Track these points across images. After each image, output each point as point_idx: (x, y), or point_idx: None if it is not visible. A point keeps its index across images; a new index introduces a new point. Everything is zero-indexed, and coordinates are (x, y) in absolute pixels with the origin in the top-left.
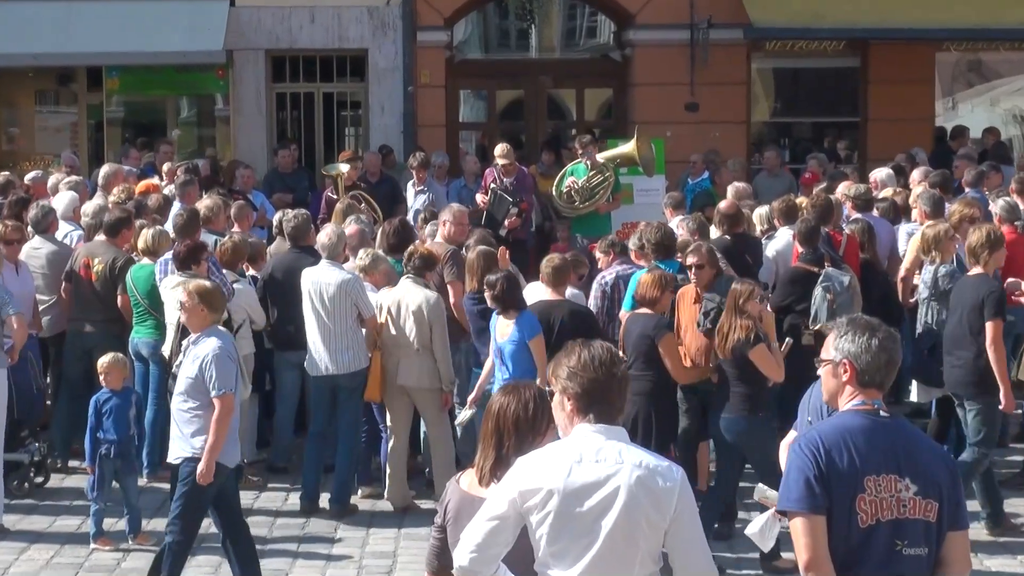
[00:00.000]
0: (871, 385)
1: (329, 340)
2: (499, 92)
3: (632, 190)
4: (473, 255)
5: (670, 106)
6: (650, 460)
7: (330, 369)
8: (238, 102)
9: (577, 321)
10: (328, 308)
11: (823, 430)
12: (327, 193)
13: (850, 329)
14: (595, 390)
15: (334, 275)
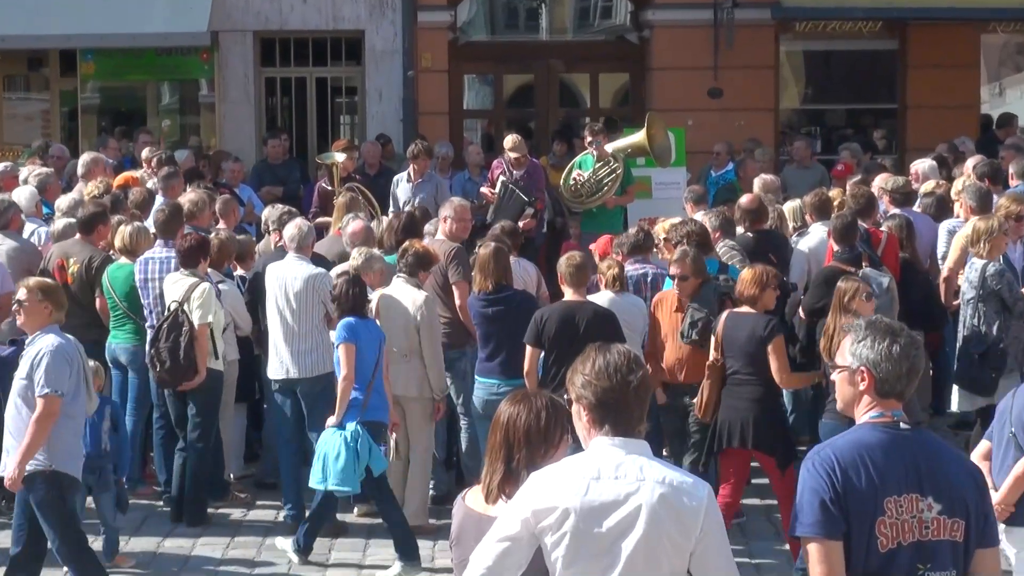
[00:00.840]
0: (891, 395)
1: (292, 340)
2: (507, 77)
3: (650, 183)
4: (486, 252)
5: (691, 92)
6: (674, 477)
7: (291, 372)
8: (224, 88)
9: (601, 324)
10: (293, 306)
11: (838, 447)
12: (320, 184)
13: (869, 333)
14: (610, 400)
15: (301, 270)
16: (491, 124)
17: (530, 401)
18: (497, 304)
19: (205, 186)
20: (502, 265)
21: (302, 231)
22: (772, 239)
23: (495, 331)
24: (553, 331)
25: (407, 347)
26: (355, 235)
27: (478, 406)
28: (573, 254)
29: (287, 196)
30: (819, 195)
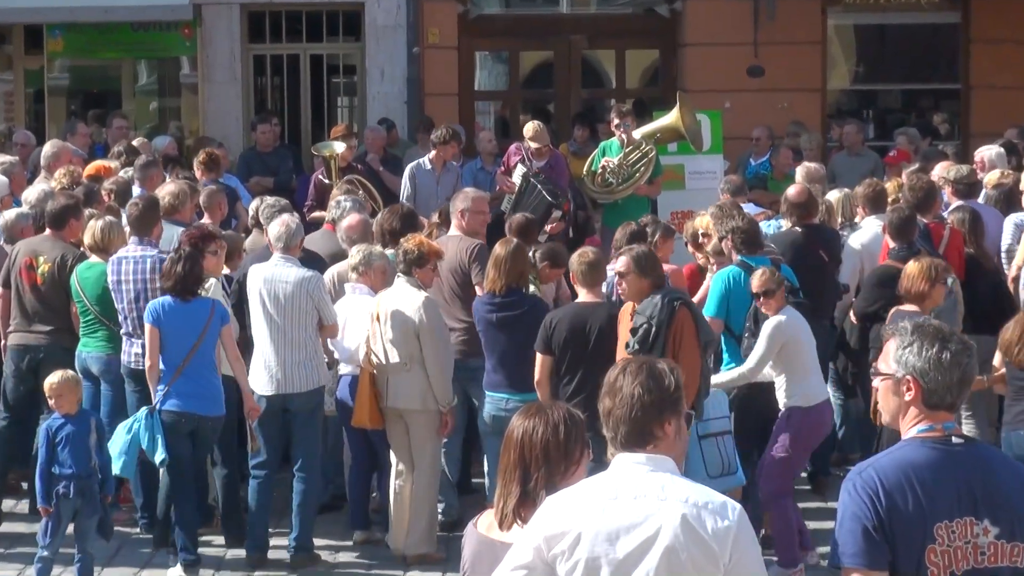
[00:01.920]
0: (940, 407)
1: (282, 351)
2: (523, 54)
3: (683, 172)
4: (505, 250)
5: (729, 71)
6: (700, 496)
7: (282, 386)
8: (208, 67)
9: (616, 328)
10: (282, 312)
11: (882, 466)
12: (317, 176)
13: (916, 338)
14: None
15: (290, 272)
16: (505, 107)
17: (546, 414)
18: (505, 309)
19: (186, 176)
20: (520, 266)
21: (289, 229)
22: (823, 234)
23: (502, 339)
24: (563, 337)
25: (407, 354)
26: (351, 230)
27: (487, 422)
28: (585, 250)
29: (278, 187)
30: (873, 186)
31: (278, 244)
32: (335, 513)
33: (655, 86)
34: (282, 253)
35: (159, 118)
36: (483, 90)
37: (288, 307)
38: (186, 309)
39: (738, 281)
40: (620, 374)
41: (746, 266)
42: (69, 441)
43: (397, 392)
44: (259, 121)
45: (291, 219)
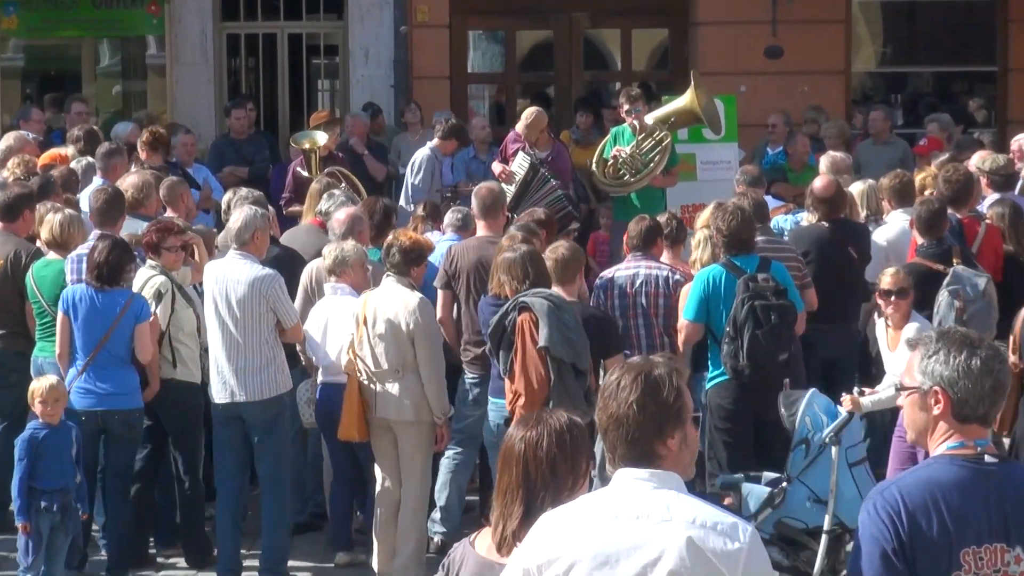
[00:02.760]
0: (971, 419)
1: (235, 356)
2: (520, 34)
3: (695, 162)
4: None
5: (745, 51)
6: (708, 516)
7: (237, 395)
8: (177, 47)
9: (590, 328)
10: (235, 314)
11: (906, 486)
12: (295, 168)
13: (942, 346)
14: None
15: (242, 271)
16: (501, 91)
17: (548, 423)
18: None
19: (151, 166)
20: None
21: (248, 220)
22: (852, 230)
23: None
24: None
25: (399, 361)
26: (342, 224)
27: (488, 431)
28: (557, 245)
29: (253, 178)
30: (899, 177)
31: (234, 238)
32: (315, 533)
33: (664, 68)
34: (237, 249)
35: (123, 103)
36: (477, 72)
37: (240, 310)
38: (101, 300)
39: (719, 282)
40: (614, 386)
41: (732, 266)
42: (53, 453)
43: (387, 402)
44: (233, 106)
45: (252, 211)
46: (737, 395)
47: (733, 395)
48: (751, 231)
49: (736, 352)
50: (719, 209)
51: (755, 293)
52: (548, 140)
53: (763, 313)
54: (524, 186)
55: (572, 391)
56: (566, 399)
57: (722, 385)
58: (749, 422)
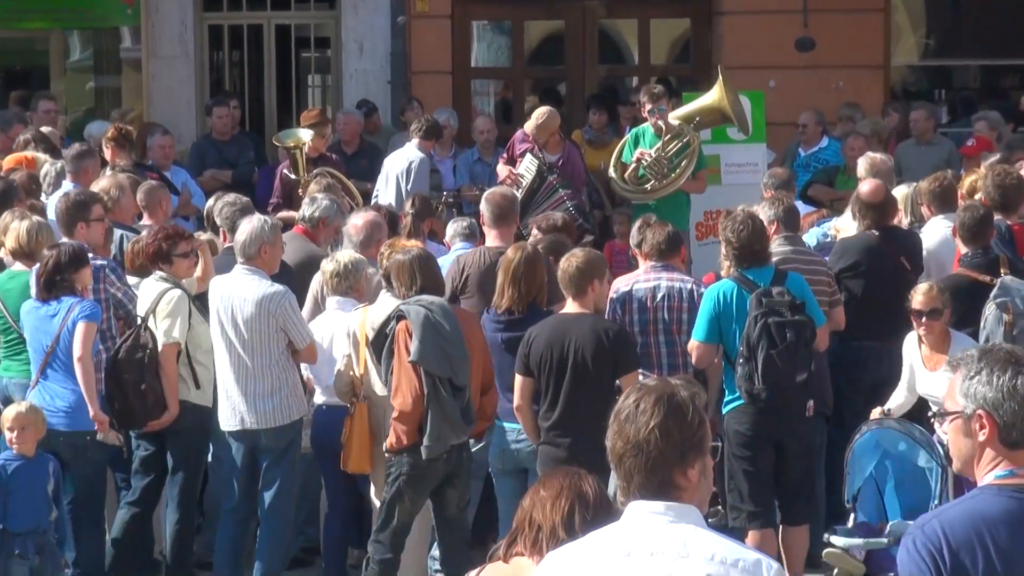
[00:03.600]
0: (1021, 445)
1: (245, 380)
2: (528, 24)
3: (719, 164)
4: (515, 258)
5: (773, 44)
6: (729, 553)
7: (247, 422)
8: (154, 39)
9: (602, 344)
10: (243, 335)
11: (948, 519)
12: (282, 170)
13: (985, 365)
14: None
15: (249, 288)
16: (508, 87)
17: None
18: (514, 327)
19: (125, 169)
20: (538, 279)
21: (254, 233)
22: (904, 239)
23: (510, 363)
24: (540, 353)
25: None
26: (360, 231)
27: (495, 457)
28: (575, 252)
29: (237, 182)
30: (939, 180)
31: (241, 251)
32: (306, 569)
33: (685, 62)
34: (244, 263)
35: (94, 100)
36: (481, 67)
37: (248, 330)
38: (45, 310)
39: (731, 298)
40: (633, 408)
41: (744, 280)
42: (26, 489)
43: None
44: (215, 104)
45: (256, 220)
46: (755, 420)
47: (751, 420)
48: (764, 241)
49: (751, 374)
50: (728, 218)
51: (769, 309)
52: (559, 142)
53: (777, 331)
54: (530, 194)
55: (447, 408)
56: (441, 416)
57: (739, 410)
58: (770, 448)
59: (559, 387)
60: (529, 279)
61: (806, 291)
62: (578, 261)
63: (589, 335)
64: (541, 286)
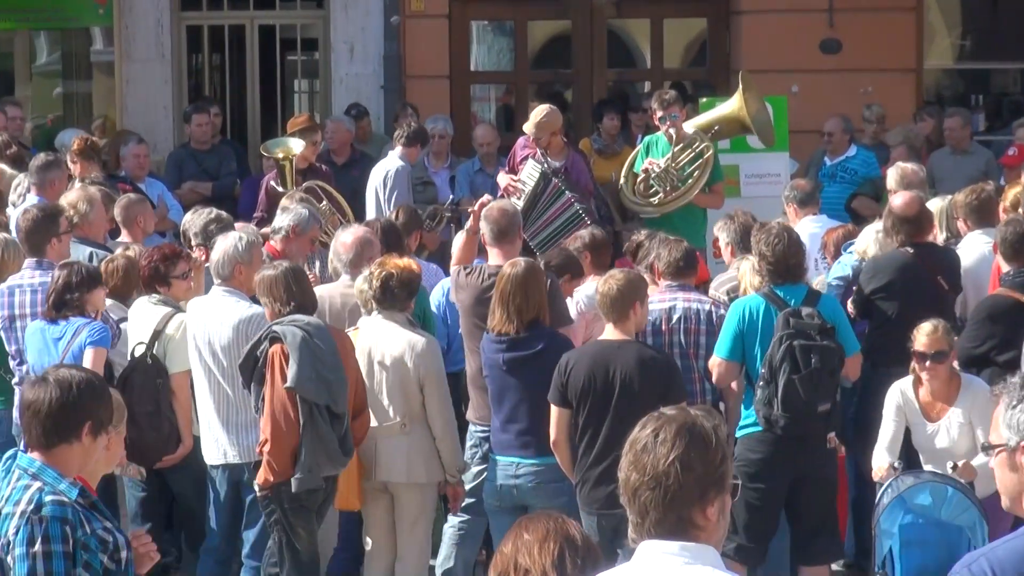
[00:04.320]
0: None
1: (227, 411)
2: (532, 25)
3: (738, 175)
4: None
5: (797, 46)
6: None
7: (230, 455)
8: (128, 41)
9: (648, 373)
10: (221, 361)
11: (998, 558)
12: (268, 182)
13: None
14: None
15: (227, 311)
16: (510, 92)
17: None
18: (516, 347)
19: (97, 181)
20: (536, 296)
21: (228, 252)
22: (941, 256)
23: (512, 386)
24: (581, 384)
25: (405, 412)
26: (349, 248)
27: (491, 494)
28: (613, 273)
29: (218, 195)
30: (977, 192)
31: (219, 271)
32: None
33: (701, 65)
34: (223, 284)
35: (63, 106)
36: (481, 71)
37: (226, 357)
38: (52, 332)
39: (757, 316)
40: (650, 438)
41: (774, 298)
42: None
43: (393, 462)
44: (194, 111)
45: (231, 238)
46: (771, 449)
47: (766, 448)
48: (799, 256)
49: (770, 399)
50: (762, 231)
51: (796, 331)
52: (562, 147)
53: (802, 355)
54: (533, 199)
55: (325, 438)
56: (317, 446)
57: (754, 436)
58: (783, 482)
59: (600, 421)
60: (523, 298)
61: (839, 315)
62: (618, 283)
63: (634, 364)
64: (539, 304)
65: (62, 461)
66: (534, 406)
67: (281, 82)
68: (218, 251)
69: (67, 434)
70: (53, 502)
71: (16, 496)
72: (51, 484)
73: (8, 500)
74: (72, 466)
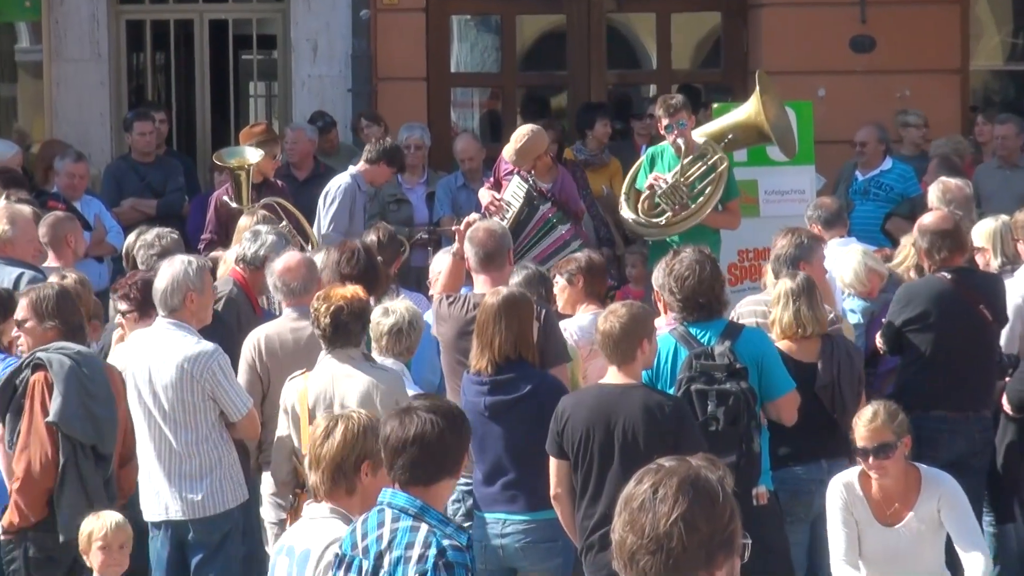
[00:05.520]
0: None
1: (169, 461)
2: (522, 20)
3: (756, 191)
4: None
5: (824, 43)
6: None
7: (172, 510)
8: (58, 38)
9: (657, 424)
10: (162, 404)
11: None
12: (220, 197)
13: None
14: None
15: (171, 346)
16: (496, 97)
17: None
18: (499, 391)
19: (23, 199)
20: (515, 328)
21: (177, 279)
22: (982, 282)
23: (496, 434)
24: (580, 434)
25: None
26: (291, 273)
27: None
28: (614, 309)
29: (164, 214)
30: None
31: (162, 301)
32: None
33: (714, 66)
34: (167, 315)
35: None
36: (463, 72)
37: (167, 398)
38: None
39: (668, 358)
40: (648, 494)
41: (686, 337)
42: None
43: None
44: (135, 118)
45: (178, 263)
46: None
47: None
48: (714, 291)
49: None
50: (673, 259)
51: (699, 373)
52: (550, 167)
53: (699, 401)
54: (517, 225)
55: (88, 481)
56: (79, 490)
57: None
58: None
59: (603, 476)
60: (495, 330)
61: (763, 351)
62: (621, 320)
63: (640, 413)
64: (520, 340)
65: (437, 498)
66: (522, 455)
67: (235, 85)
68: (164, 278)
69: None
70: (452, 547)
71: (404, 538)
72: (439, 527)
73: (391, 544)
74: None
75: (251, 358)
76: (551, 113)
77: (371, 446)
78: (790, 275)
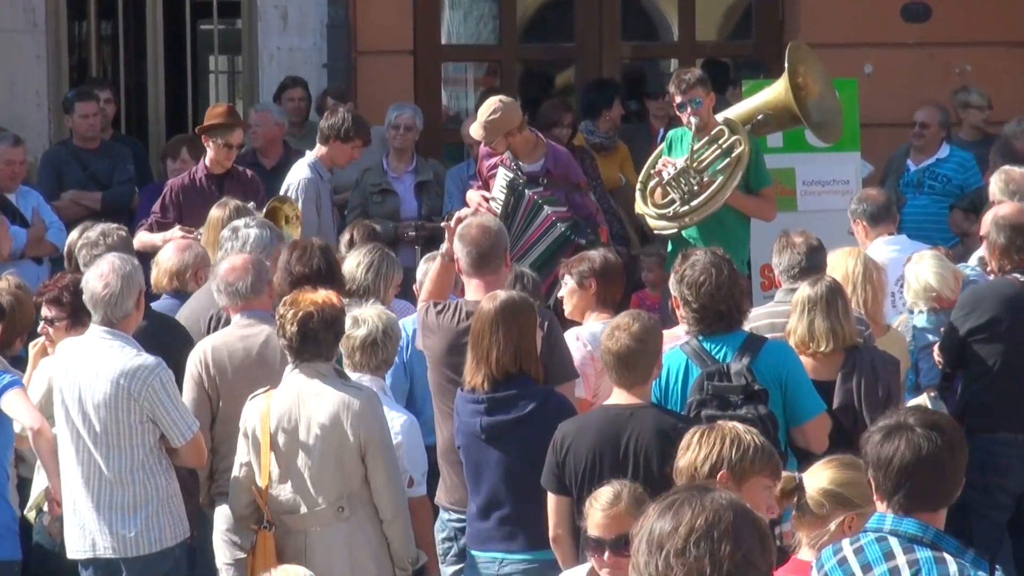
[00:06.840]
0: None
1: (98, 491)
2: None
3: (793, 181)
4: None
5: (872, 12)
6: None
7: (100, 547)
8: None
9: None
10: (93, 426)
11: None
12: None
13: None
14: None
15: (106, 358)
16: (494, 72)
17: None
18: (497, 411)
19: None
20: (515, 339)
21: (109, 285)
22: None
23: (493, 461)
24: (583, 465)
25: (342, 492)
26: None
27: None
28: (621, 323)
29: (111, 208)
30: None
31: (98, 306)
32: None
33: (745, 38)
34: (101, 325)
35: None
36: (456, 44)
37: (99, 419)
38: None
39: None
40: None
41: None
42: None
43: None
44: (77, 97)
45: (119, 261)
46: None
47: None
48: (733, 294)
49: None
50: (683, 264)
51: (712, 395)
52: (533, 144)
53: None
54: (506, 219)
55: None
56: None
57: None
58: None
59: None
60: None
61: (789, 370)
62: (631, 336)
63: (652, 436)
64: (521, 351)
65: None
66: (521, 486)
67: (193, 60)
68: (111, 280)
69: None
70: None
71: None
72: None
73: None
74: None
75: (197, 373)
76: (556, 91)
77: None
78: (811, 281)
